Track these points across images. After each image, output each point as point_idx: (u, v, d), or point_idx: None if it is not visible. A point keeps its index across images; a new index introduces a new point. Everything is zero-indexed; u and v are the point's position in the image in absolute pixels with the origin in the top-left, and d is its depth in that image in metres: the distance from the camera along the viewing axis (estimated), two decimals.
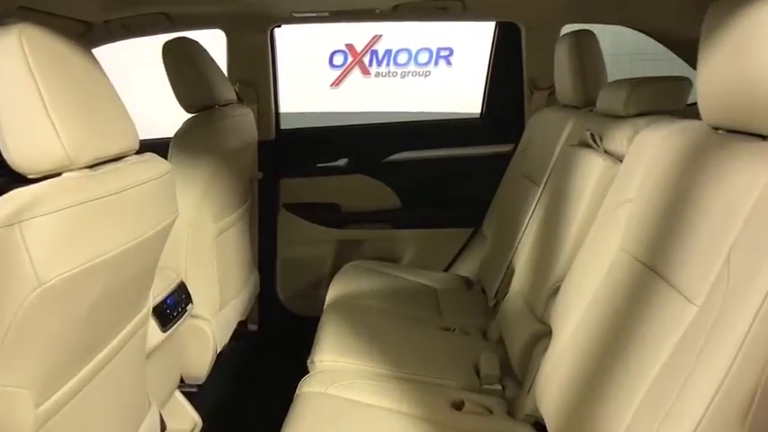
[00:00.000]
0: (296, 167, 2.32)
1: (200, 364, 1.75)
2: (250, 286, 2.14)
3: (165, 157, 1.24)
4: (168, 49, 1.69)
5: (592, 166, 1.33)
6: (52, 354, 0.89)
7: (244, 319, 2.24)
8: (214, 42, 2.06)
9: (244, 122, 1.91)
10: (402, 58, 4.83)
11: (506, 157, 2.13)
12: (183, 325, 1.70)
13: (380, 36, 4.73)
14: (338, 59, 4.86)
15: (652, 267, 0.97)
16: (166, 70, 1.71)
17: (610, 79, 1.61)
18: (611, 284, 1.09)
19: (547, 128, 1.83)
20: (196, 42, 1.77)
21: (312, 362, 1.46)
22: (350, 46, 4.78)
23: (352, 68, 4.90)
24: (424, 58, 4.86)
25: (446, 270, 2.29)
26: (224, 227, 1.80)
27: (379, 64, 4.86)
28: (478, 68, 2.38)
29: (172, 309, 1.54)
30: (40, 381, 0.88)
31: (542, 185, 1.68)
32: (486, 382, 1.44)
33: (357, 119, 2.53)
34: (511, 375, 1.45)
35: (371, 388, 1.32)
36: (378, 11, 1.84)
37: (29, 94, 0.85)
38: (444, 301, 1.97)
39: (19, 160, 0.86)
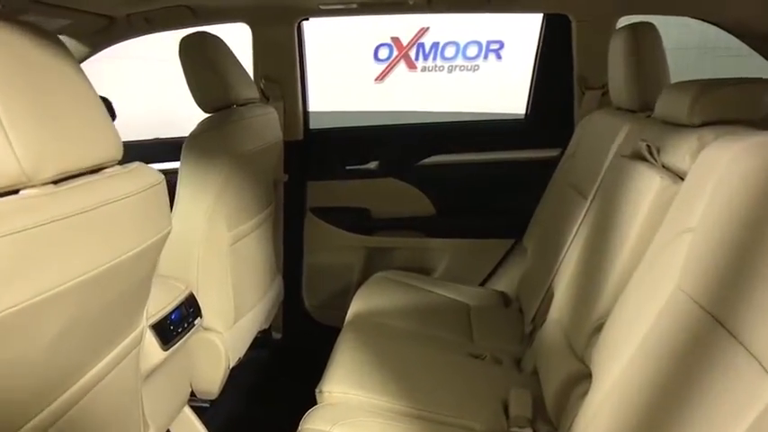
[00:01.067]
0: (324, 169, 2.19)
1: (211, 379, 1.65)
2: (272, 294, 2.03)
3: None
4: (185, 45, 1.59)
5: (647, 184, 1.13)
6: (11, 389, 0.79)
7: (267, 327, 2.15)
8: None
9: (265, 122, 1.80)
10: (449, 51, 4.62)
11: (552, 164, 1.93)
12: (193, 338, 1.60)
13: (427, 29, 4.54)
14: (383, 53, 4.70)
15: (718, 318, 0.78)
16: (182, 67, 1.61)
17: (673, 79, 1.40)
18: (664, 330, 0.90)
19: (597, 133, 1.63)
20: (215, 38, 1.66)
21: (320, 391, 1.33)
22: (395, 39, 4.61)
23: (397, 62, 4.73)
24: (472, 51, 4.63)
25: (482, 284, 2.11)
26: (240, 234, 1.69)
27: (426, 58, 4.67)
28: (530, 63, 2.17)
29: (176, 325, 1.44)
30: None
31: (590, 199, 1.49)
32: (516, 425, 1.27)
33: (396, 119, 2.38)
34: (544, 418, 1.28)
35: (381, 428, 1.18)
36: (411, 2, 1.68)
37: None
38: (477, 321, 1.80)
39: None
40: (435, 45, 4.61)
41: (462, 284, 2.03)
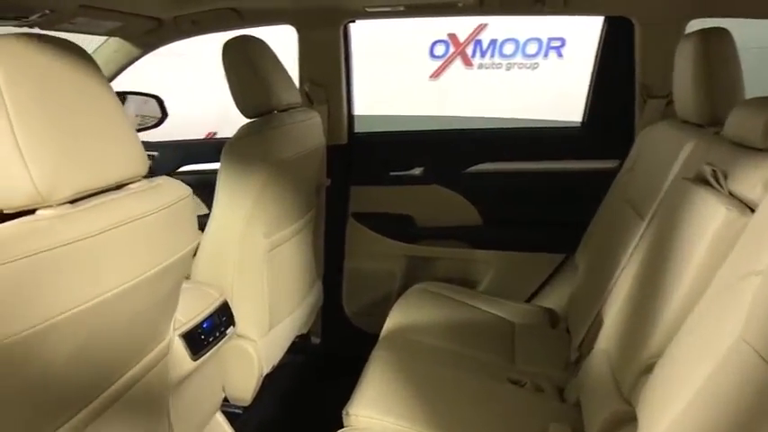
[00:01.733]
0: (368, 174, 2.14)
1: (244, 387, 1.64)
2: (311, 299, 2.01)
3: None
4: (227, 49, 1.57)
5: (711, 213, 1.01)
6: (21, 410, 0.78)
7: (305, 332, 2.12)
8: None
9: (307, 128, 1.76)
10: (508, 48, 4.47)
11: (609, 176, 1.80)
12: (227, 345, 1.59)
13: (486, 25, 4.41)
14: (439, 50, 4.60)
15: None
16: (225, 72, 1.59)
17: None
18: (725, 384, 0.80)
19: (659, 147, 1.50)
20: (258, 41, 1.63)
21: (347, 414, 1.28)
22: (452, 36, 4.50)
23: (453, 60, 4.62)
24: (532, 48, 4.46)
25: (528, 301, 2.01)
26: (277, 241, 1.66)
27: (483, 55, 4.54)
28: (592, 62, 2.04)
29: (207, 334, 1.42)
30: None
31: (647, 220, 1.37)
32: None
33: (448, 124, 2.29)
34: None
35: None
36: (460, 4, 1.59)
37: None
38: (521, 341, 1.70)
39: None
40: (493, 42, 4.48)
41: (507, 300, 1.94)
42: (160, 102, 2.39)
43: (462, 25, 4.45)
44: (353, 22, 1.93)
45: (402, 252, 2.16)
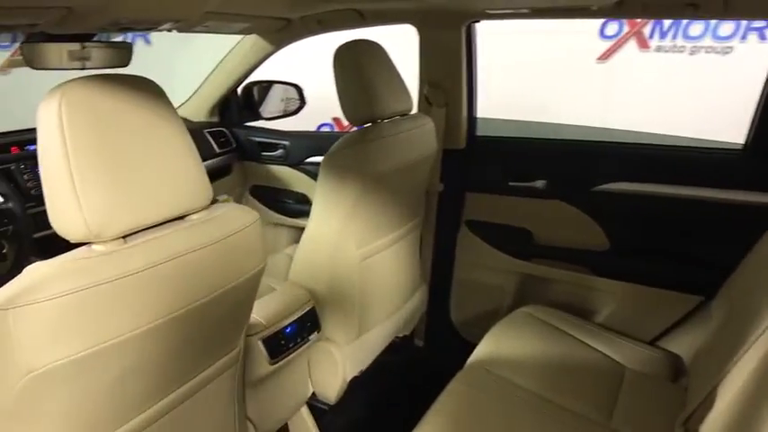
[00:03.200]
0: (485, 181, 2.01)
1: (328, 388, 1.68)
2: (413, 304, 1.98)
3: None
4: (337, 54, 1.56)
5: None
6: (68, 423, 0.87)
7: (407, 333, 2.12)
8: None
9: (416, 136, 1.69)
10: (696, 29, 3.85)
11: None
12: (315, 345, 1.64)
13: None
14: (611, 29, 4.13)
15: None
16: (334, 78, 1.58)
17: None
18: None
19: None
20: (370, 47, 1.59)
21: None
22: None
23: (626, 40, 4.12)
24: (727, 29, 3.80)
25: (651, 343, 1.77)
26: (371, 251, 1.65)
27: (663, 36, 3.97)
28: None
29: (288, 339, 1.48)
30: None
31: None
32: None
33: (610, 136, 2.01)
34: None
35: None
36: (595, 7, 1.39)
37: (59, 160, 0.80)
38: (627, 392, 1.51)
39: (55, 226, 0.84)
40: (677, 21, 3.89)
41: (625, 338, 1.72)
42: (299, 90, 2.49)
43: None
44: (477, 22, 1.79)
45: (515, 268, 2.02)
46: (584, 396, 1.48)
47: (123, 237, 0.86)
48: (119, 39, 1.65)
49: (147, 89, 0.93)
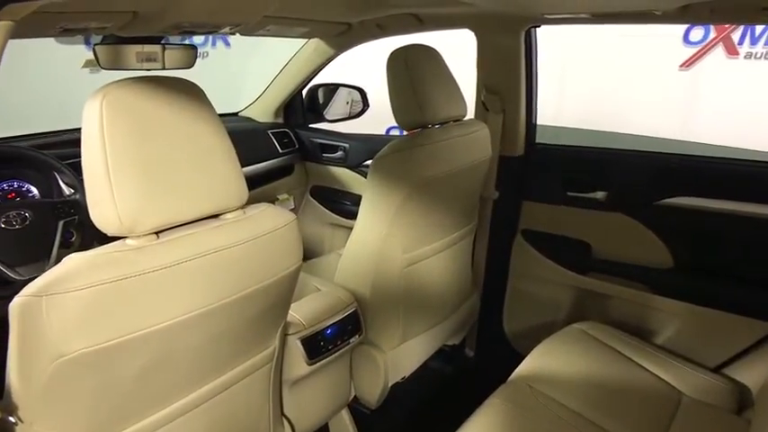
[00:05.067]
0: (543, 190, 1.95)
1: (370, 392, 1.68)
2: (463, 313, 1.95)
3: None
4: (390, 60, 1.56)
5: None
6: (99, 410, 0.92)
7: (457, 343, 2.09)
8: None
9: (469, 142, 1.66)
10: None
11: None
12: (357, 348, 1.65)
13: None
14: (696, 35, 3.89)
15: None
16: (387, 83, 1.59)
17: None
18: None
19: None
20: (424, 52, 1.58)
21: None
22: None
23: (713, 46, 3.87)
24: None
25: (715, 370, 1.64)
26: (418, 257, 1.64)
27: (755, 42, 3.69)
28: None
29: (328, 341, 1.49)
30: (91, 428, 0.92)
31: None
32: None
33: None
34: None
35: None
36: (659, 12, 1.31)
37: (98, 157, 0.84)
38: (682, 421, 1.41)
39: (93, 219, 0.89)
40: None
41: (687, 363, 1.61)
42: (363, 93, 2.52)
43: None
44: (537, 27, 1.73)
45: (571, 282, 1.94)
46: (633, 421, 1.40)
47: (157, 233, 0.90)
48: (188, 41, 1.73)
49: (187, 90, 0.96)
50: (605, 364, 1.59)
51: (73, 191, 1.54)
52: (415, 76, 1.53)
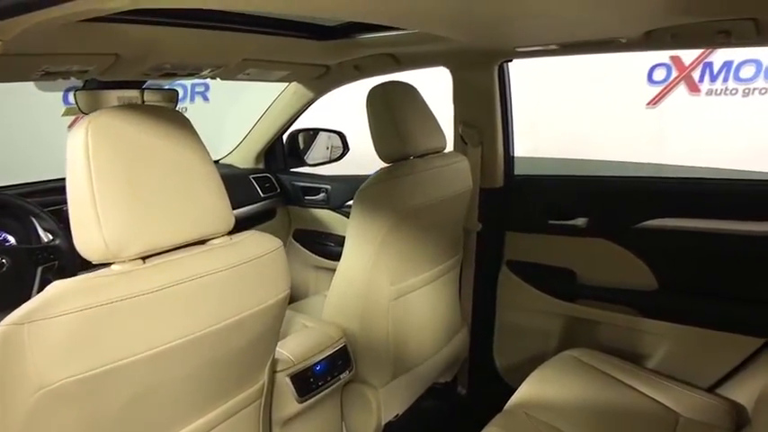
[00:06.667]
0: (525, 221, 1.97)
1: (364, 430, 1.63)
2: (452, 348, 1.92)
3: None
4: (370, 96, 1.60)
5: None
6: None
7: (449, 380, 2.05)
8: None
9: (449, 173, 1.69)
10: (747, 71, 3.75)
11: None
12: (348, 387, 1.61)
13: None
14: (659, 74, 4.07)
15: None
16: (367, 118, 1.62)
17: None
18: None
19: None
20: (402, 88, 1.63)
21: None
22: (675, 59, 3.93)
23: (675, 85, 4.05)
24: None
25: (709, 390, 1.63)
26: (406, 289, 1.63)
27: (714, 79, 3.88)
28: None
29: (318, 377, 1.45)
30: None
31: None
32: None
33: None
34: None
35: None
36: (624, 40, 1.38)
37: (83, 183, 0.84)
38: None
39: (78, 247, 0.87)
40: (728, 64, 3.81)
41: (680, 384, 1.60)
42: (342, 137, 2.56)
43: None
44: (510, 61, 1.80)
45: (559, 310, 1.93)
46: None
47: (143, 258, 0.89)
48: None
49: (173, 118, 0.97)
50: (600, 388, 1.57)
51: (52, 237, 1.51)
52: (394, 109, 1.57)
